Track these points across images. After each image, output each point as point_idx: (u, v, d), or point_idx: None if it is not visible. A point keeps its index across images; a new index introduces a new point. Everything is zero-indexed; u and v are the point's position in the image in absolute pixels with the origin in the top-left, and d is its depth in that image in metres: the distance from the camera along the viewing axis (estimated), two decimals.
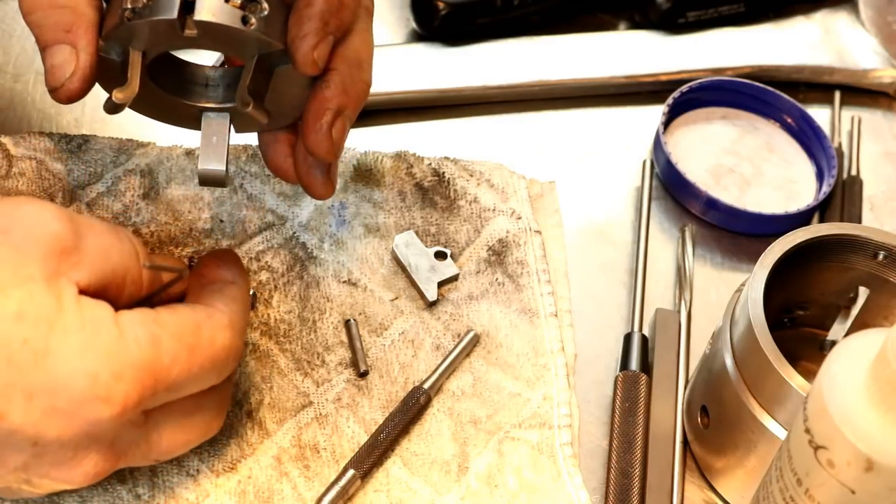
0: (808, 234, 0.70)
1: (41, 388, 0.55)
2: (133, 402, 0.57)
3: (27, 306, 0.56)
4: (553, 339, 0.76)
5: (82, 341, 0.56)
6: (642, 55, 0.93)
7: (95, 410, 0.56)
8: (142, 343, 0.58)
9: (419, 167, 0.83)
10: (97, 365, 0.56)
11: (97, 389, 0.56)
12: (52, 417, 0.56)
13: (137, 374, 0.57)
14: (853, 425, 0.55)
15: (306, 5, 0.63)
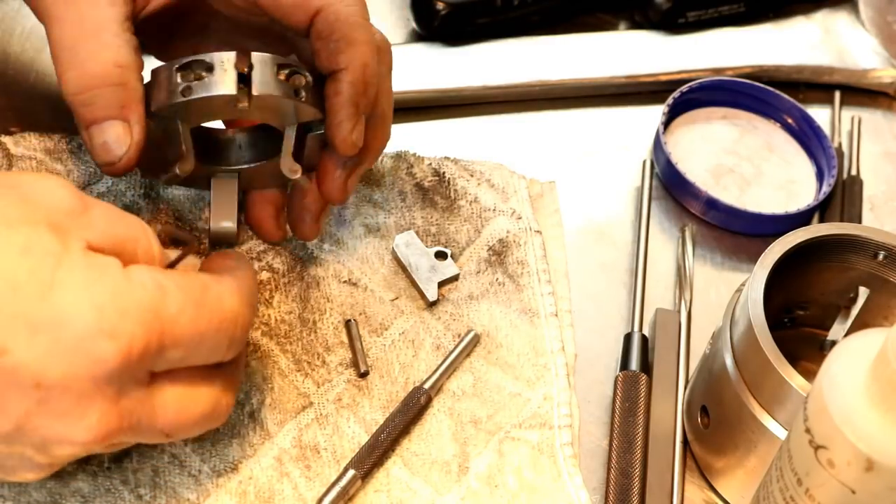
0: (808, 234, 0.70)
1: (46, 321, 0.54)
2: (139, 344, 0.56)
3: (34, 241, 0.55)
4: (553, 339, 0.76)
5: (88, 277, 0.55)
6: (642, 55, 0.93)
7: (100, 347, 0.55)
8: (148, 288, 0.57)
9: (419, 167, 0.83)
10: (103, 300, 0.55)
11: (102, 323, 0.55)
12: (56, 354, 0.55)
13: (143, 315, 0.56)
14: (853, 425, 0.55)
15: (335, 93, 0.67)
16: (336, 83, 0.67)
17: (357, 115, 0.67)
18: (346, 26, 0.66)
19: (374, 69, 0.68)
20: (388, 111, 0.72)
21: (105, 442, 0.58)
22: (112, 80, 0.65)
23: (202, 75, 0.66)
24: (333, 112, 0.67)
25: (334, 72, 0.67)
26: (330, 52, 0.66)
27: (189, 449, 0.69)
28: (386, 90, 0.71)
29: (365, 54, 0.67)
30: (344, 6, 0.67)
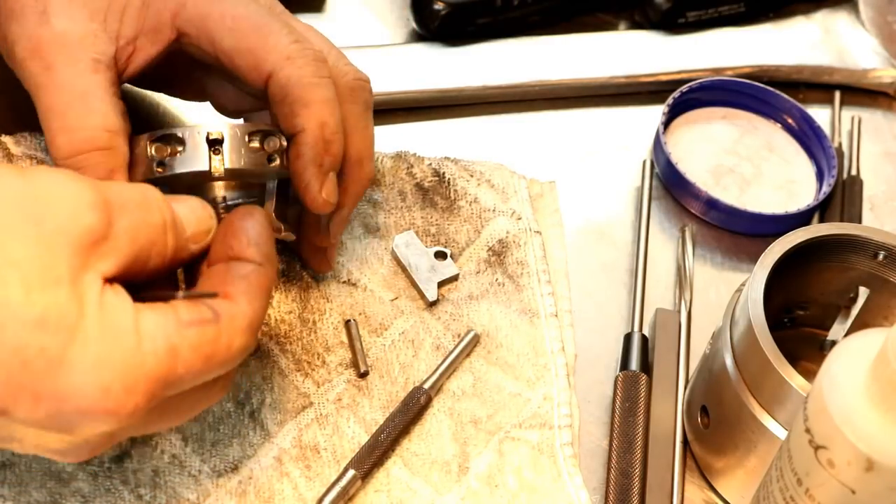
0: (808, 234, 0.70)
1: (50, 394, 0.55)
2: (140, 410, 0.57)
3: (50, 313, 0.55)
4: (553, 339, 0.76)
5: (99, 353, 0.55)
6: (642, 55, 0.93)
7: (100, 423, 0.56)
8: (160, 355, 0.57)
9: (419, 167, 0.83)
10: (111, 378, 0.55)
11: (107, 403, 0.56)
12: (56, 423, 0.56)
13: (149, 386, 0.57)
14: (853, 425, 0.55)
15: (296, 156, 0.67)
16: (296, 146, 0.67)
17: (322, 175, 0.67)
18: (298, 88, 0.66)
19: (335, 126, 0.67)
20: (366, 151, 0.71)
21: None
22: (100, 145, 0.65)
23: (176, 150, 0.66)
24: (298, 175, 0.67)
25: (293, 135, 0.67)
26: (285, 115, 0.67)
27: (189, 449, 0.69)
28: (361, 129, 0.71)
29: (321, 113, 0.66)
30: (295, 68, 0.66)
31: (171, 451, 0.69)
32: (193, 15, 0.67)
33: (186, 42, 0.68)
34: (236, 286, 0.61)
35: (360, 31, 0.93)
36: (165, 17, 0.67)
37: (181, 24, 0.67)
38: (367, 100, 0.71)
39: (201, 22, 0.67)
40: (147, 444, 0.69)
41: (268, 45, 0.67)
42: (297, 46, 0.67)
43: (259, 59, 0.66)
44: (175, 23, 0.68)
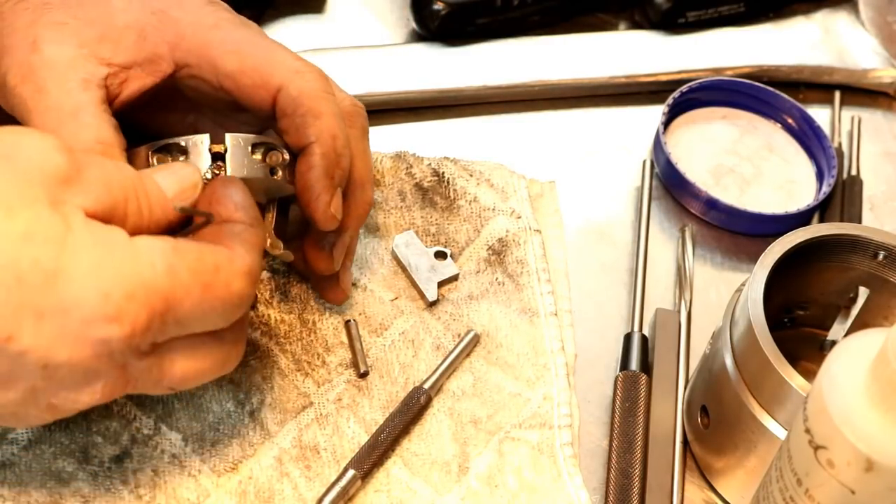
0: (808, 234, 0.70)
1: (52, 308, 0.55)
2: (142, 324, 0.56)
3: (35, 226, 0.55)
4: (553, 339, 0.76)
5: (95, 259, 0.56)
6: (642, 55, 0.93)
7: (105, 330, 0.56)
8: (157, 269, 0.57)
9: (419, 167, 0.83)
10: (110, 284, 0.56)
11: (108, 308, 0.56)
12: (62, 339, 0.55)
13: (149, 298, 0.57)
14: (853, 425, 0.55)
15: (308, 168, 0.67)
16: (308, 157, 0.67)
17: (332, 188, 0.67)
18: (309, 99, 0.67)
19: (344, 140, 0.68)
20: (367, 175, 0.71)
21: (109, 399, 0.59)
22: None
23: (178, 158, 0.66)
24: (308, 187, 0.67)
25: (304, 147, 0.67)
26: (297, 127, 0.67)
27: (189, 449, 0.69)
28: (361, 153, 0.71)
29: (332, 126, 0.67)
30: (305, 81, 0.67)
31: (171, 451, 0.69)
32: (193, 45, 0.68)
33: (186, 74, 0.68)
34: (231, 240, 0.62)
35: (360, 31, 0.93)
36: (163, 50, 0.68)
37: (181, 55, 0.68)
38: (364, 125, 0.72)
39: (202, 50, 0.67)
40: (147, 444, 0.69)
41: (274, 61, 0.67)
42: (303, 62, 0.68)
43: (266, 75, 0.67)
44: (174, 55, 0.68)
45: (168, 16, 0.68)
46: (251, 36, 0.68)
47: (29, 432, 0.68)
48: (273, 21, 0.91)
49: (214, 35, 0.68)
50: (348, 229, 0.71)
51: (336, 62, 0.83)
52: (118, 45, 0.67)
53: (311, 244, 0.72)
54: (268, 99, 0.67)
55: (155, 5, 0.68)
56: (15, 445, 0.68)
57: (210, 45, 0.67)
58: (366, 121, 0.72)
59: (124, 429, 0.69)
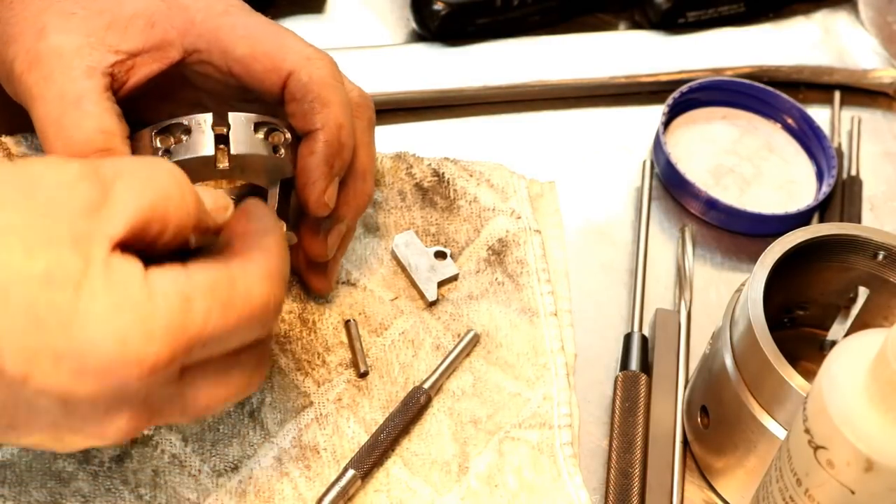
0: (808, 234, 0.70)
1: (69, 351, 0.54)
2: (164, 362, 0.56)
3: (54, 268, 0.54)
4: (553, 339, 0.76)
5: (110, 303, 0.55)
6: (642, 55, 0.93)
7: (125, 373, 0.55)
8: (172, 302, 0.56)
9: (419, 167, 0.83)
10: (126, 327, 0.55)
11: (127, 352, 0.55)
12: (81, 378, 0.55)
13: (168, 335, 0.56)
14: (853, 425, 0.55)
15: (309, 153, 0.67)
16: (311, 143, 0.67)
17: (330, 176, 0.68)
18: (319, 87, 0.67)
19: (349, 130, 0.68)
20: (369, 166, 0.72)
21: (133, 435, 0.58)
22: (97, 146, 0.65)
23: (181, 138, 0.66)
24: (307, 171, 0.67)
25: (309, 132, 0.67)
26: (304, 112, 0.67)
27: (189, 449, 0.69)
28: (365, 145, 0.71)
29: (339, 115, 0.67)
30: (316, 68, 0.67)
31: (171, 451, 0.69)
32: (204, 30, 0.68)
33: (195, 59, 0.69)
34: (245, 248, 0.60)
35: (360, 31, 0.93)
36: (172, 36, 0.68)
37: (191, 41, 0.68)
38: (370, 118, 0.72)
39: (213, 35, 0.68)
40: (147, 444, 0.69)
41: (285, 46, 0.68)
42: (314, 49, 0.68)
43: (277, 61, 0.67)
44: (184, 41, 0.68)
45: (178, 2, 0.68)
46: (262, 22, 0.69)
47: None
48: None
49: (225, 20, 0.68)
50: (345, 218, 0.71)
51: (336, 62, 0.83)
52: (126, 33, 0.67)
53: (308, 228, 0.71)
54: (278, 83, 0.67)
55: None
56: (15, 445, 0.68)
57: (221, 30, 0.68)
58: (373, 113, 0.73)
59: None
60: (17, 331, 0.54)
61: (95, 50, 0.67)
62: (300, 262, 0.74)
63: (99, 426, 0.57)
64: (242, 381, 0.61)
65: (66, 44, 0.66)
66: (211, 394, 0.60)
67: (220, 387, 0.60)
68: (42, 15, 0.67)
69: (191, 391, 0.59)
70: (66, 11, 0.67)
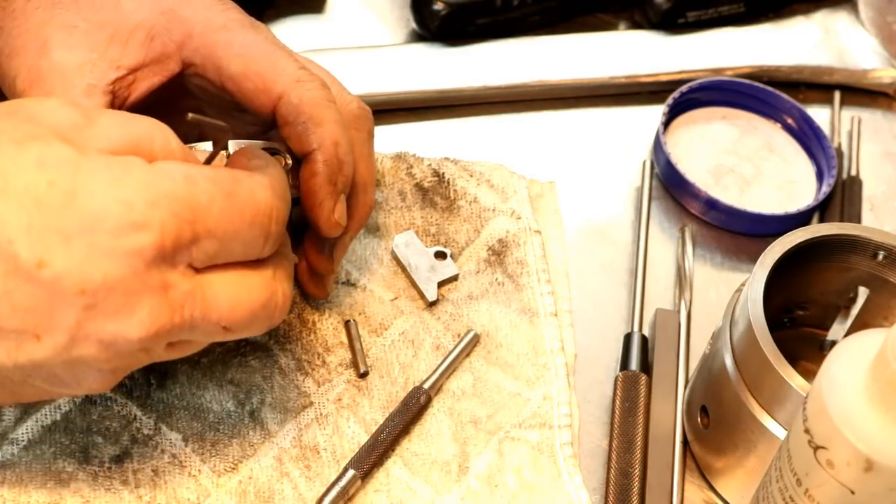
0: (808, 234, 0.70)
1: (77, 227, 0.55)
2: (171, 232, 0.56)
3: (47, 154, 0.55)
4: (553, 339, 0.76)
5: (111, 177, 0.56)
6: (642, 55, 0.93)
7: (134, 240, 0.55)
8: (176, 179, 0.57)
9: (419, 167, 0.83)
10: (130, 194, 0.56)
11: (133, 216, 0.55)
12: (94, 257, 0.55)
13: (173, 205, 0.56)
14: (853, 425, 0.55)
15: (311, 175, 0.67)
16: (311, 164, 0.67)
17: (335, 194, 0.68)
18: (310, 108, 0.67)
19: (346, 147, 0.68)
20: (370, 178, 0.72)
21: (162, 338, 0.58)
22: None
23: None
24: (313, 193, 0.67)
25: (306, 153, 0.67)
26: (298, 134, 0.67)
27: (189, 449, 0.69)
28: (365, 157, 0.71)
29: (334, 132, 0.67)
30: (306, 90, 0.67)
31: (171, 451, 0.69)
32: (200, 44, 0.68)
33: (191, 72, 0.69)
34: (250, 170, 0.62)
35: (360, 32, 0.93)
36: (171, 49, 0.68)
37: (188, 54, 0.68)
38: (370, 129, 0.73)
39: (208, 50, 0.68)
40: (147, 445, 0.69)
41: (277, 68, 0.68)
42: (305, 72, 0.68)
43: (269, 82, 0.67)
44: (182, 54, 0.68)
45: (177, 15, 0.68)
46: (259, 40, 0.68)
47: (29, 432, 0.68)
48: (273, 21, 0.91)
49: (222, 36, 0.68)
50: (349, 231, 0.72)
51: (336, 62, 0.82)
52: (127, 47, 0.68)
53: (312, 246, 0.72)
54: (268, 105, 0.67)
55: (164, 5, 0.68)
56: (15, 445, 0.68)
57: (217, 46, 0.68)
58: (372, 124, 0.73)
59: (124, 429, 0.69)
60: (23, 216, 0.54)
61: (97, 66, 0.67)
62: (301, 273, 0.73)
63: (122, 319, 0.56)
64: (264, 290, 0.61)
65: (68, 61, 0.67)
66: (232, 297, 0.60)
67: (241, 291, 0.60)
68: (44, 28, 0.67)
69: (210, 291, 0.59)
70: (69, 24, 0.67)
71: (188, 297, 0.58)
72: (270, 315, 0.62)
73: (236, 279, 0.60)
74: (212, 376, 0.72)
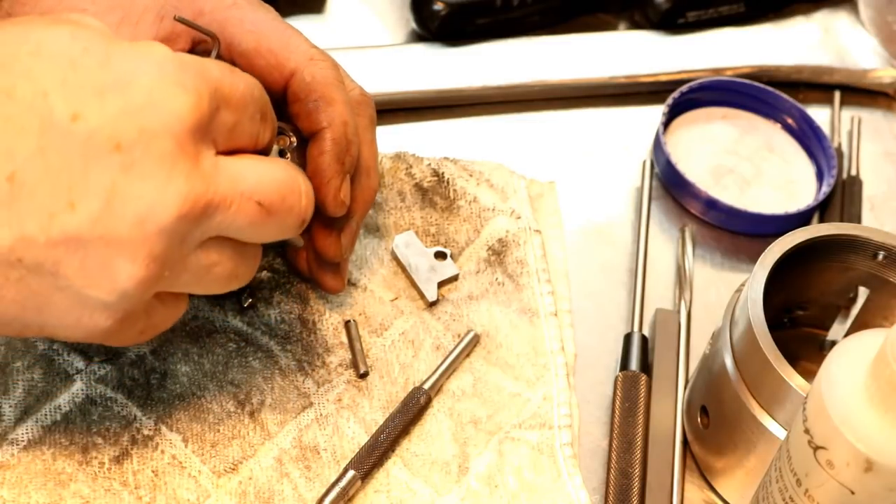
0: (808, 234, 0.70)
1: (112, 83, 0.55)
2: (206, 96, 0.57)
3: (79, 31, 0.57)
4: (553, 339, 0.76)
5: (140, 51, 0.57)
6: (642, 55, 0.93)
7: (172, 99, 0.56)
8: (190, 56, 0.58)
9: (419, 167, 0.83)
10: (163, 60, 0.57)
11: (167, 77, 0.56)
12: (129, 112, 0.55)
13: (199, 74, 0.57)
14: (852, 425, 0.55)
15: (319, 152, 0.68)
16: (319, 142, 0.68)
17: (342, 173, 0.68)
18: (322, 86, 0.68)
19: (354, 128, 0.69)
20: (373, 163, 0.72)
21: (198, 219, 0.57)
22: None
23: None
24: (321, 171, 0.68)
25: (315, 132, 0.68)
26: (309, 111, 0.68)
27: (189, 449, 0.69)
28: (368, 142, 0.72)
29: (344, 113, 0.68)
30: (319, 69, 0.68)
31: (171, 451, 0.69)
32: (211, 21, 0.68)
33: (201, 50, 0.69)
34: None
35: (360, 31, 0.93)
36: (180, 28, 0.69)
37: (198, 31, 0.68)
38: (371, 115, 0.73)
39: (219, 27, 0.68)
40: (147, 445, 0.69)
41: (290, 45, 0.68)
42: (318, 50, 0.69)
43: (281, 59, 0.68)
44: (191, 32, 0.69)
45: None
46: (269, 18, 0.69)
47: (29, 433, 0.68)
48: None
49: (233, 13, 0.69)
50: (355, 214, 0.72)
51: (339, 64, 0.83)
52: (138, 28, 0.68)
53: (320, 231, 0.71)
54: (280, 81, 0.68)
55: None
56: (15, 446, 0.68)
57: (227, 24, 0.68)
58: (373, 111, 0.73)
59: (124, 429, 0.69)
60: (57, 73, 0.55)
61: None
62: (310, 263, 0.74)
63: (158, 187, 0.55)
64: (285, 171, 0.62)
65: None
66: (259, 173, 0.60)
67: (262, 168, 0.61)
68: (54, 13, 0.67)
69: (235, 167, 0.59)
70: (78, 8, 0.67)
71: (218, 169, 0.58)
72: (298, 198, 0.62)
73: (256, 161, 0.61)
74: (212, 377, 0.72)
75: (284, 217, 0.62)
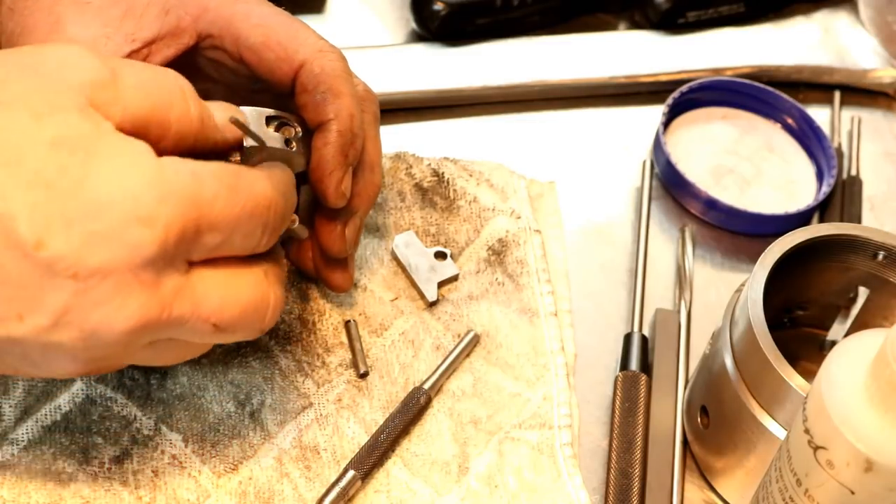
0: (808, 234, 0.70)
1: (81, 213, 0.55)
2: (175, 229, 0.56)
3: (63, 133, 0.55)
4: (553, 339, 0.76)
5: (122, 166, 0.56)
6: (642, 55, 0.93)
7: (137, 234, 0.55)
8: (182, 175, 0.57)
9: (419, 167, 0.83)
10: (139, 188, 0.55)
11: (139, 210, 0.55)
12: (93, 244, 0.55)
13: (180, 202, 0.56)
14: (852, 425, 0.55)
15: (324, 144, 0.68)
16: (325, 134, 0.68)
17: (345, 166, 0.68)
18: (331, 78, 0.68)
19: (360, 121, 0.69)
20: (377, 159, 0.72)
21: (147, 332, 0.57)
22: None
23: None
24: (324, 162, 0.68)
25: (321, 123, 0.68)
26: (316, 103, 0.68)
27: (189, 450, 0.69)
28: (372, 137, 0.72)
29: (350, 105, 0.68)
30: (328, 61, 0.68)
31: (171, 451, 0.69)
32: (217, 16, 0.68)
33: (208, 45, 0.69)
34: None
35: (360, 31, 0.93)
36: (186, 22, 0.68)
37: (204, 26, 0.69)
38: (375, 112, 0.73)
39: (226, 22, 0.68)
40: (147, 445, 0.69)
41: (299, 37, 0.68)
42: (326, 42, 0.69)
43: (290, 51, 0.68)
44: (197, 27, 0.69)
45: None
46: (276, 11, 0.69)
47: (29, 433, 0.68)
48: None
49: (239, 8, 0.69)
50: (359, 210, 0.72)
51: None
52: (142, 21, 0.68)
53: (324, 226, 0.72)
54: (289, 74, 0.68)
55: None
56: (15, 446, 0.68)
57: (234, 18, 0.68)
58: (378, 107, 0.73)
59: (124, 429, 0.69)
60: (30, 196, 0.54)
61: (111, 40, 0.67)
62: (316, 261, 0.74)
63: (107, 313, 0.56)
64: (255, 286, 0.61)
65: (82, 36, 0.67)
66: (224, 294, 0.59)
67: (232, 289, 0.60)
68: (57, 6, 0.67)
69: (201, 286, 0.59)
70: (81, 1, 0.67)
71: (179, 293, 0.58)
72: (262, 317, 0.61)
73: (229, 277, 0.60)
74: (212, 377, 0.72)
75: (241, 334, 0.61)
